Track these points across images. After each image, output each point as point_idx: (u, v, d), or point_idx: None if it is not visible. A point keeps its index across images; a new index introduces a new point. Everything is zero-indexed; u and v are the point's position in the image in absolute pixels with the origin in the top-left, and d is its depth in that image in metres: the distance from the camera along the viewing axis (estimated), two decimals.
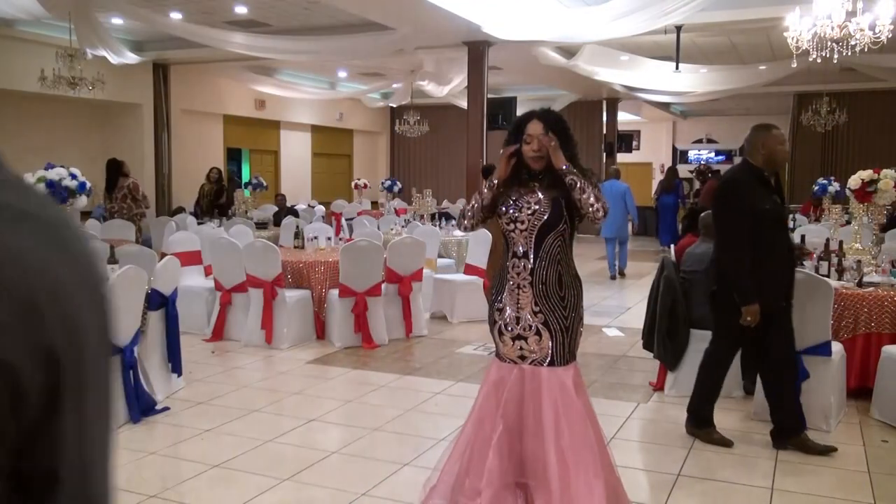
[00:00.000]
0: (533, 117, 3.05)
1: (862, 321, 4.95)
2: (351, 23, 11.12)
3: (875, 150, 16.47)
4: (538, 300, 2.97)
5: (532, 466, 2.99)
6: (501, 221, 3.06)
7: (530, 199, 3.00)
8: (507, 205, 3.04)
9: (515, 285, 3.01)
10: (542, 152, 2.98)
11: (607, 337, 7.20)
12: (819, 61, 7.54)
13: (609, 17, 9.07)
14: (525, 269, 2.99)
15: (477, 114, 11.62)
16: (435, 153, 20.82)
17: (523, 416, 3.00)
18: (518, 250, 3.01)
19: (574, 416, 2.93)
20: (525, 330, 2.99)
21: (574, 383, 2.99)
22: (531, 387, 2.99)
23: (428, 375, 5.79)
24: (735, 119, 22.62)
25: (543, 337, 2.97)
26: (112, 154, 13.90)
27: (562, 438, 2.90)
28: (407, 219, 11.40)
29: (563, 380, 2.97)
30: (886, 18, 6.97)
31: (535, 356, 2.99)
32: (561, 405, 2.93)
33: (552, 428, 2.90)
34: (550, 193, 2.99)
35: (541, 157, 2.99)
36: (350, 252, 6.58)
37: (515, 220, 3.00)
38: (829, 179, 10.27)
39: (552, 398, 2.94)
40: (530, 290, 2.98)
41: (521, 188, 3.03)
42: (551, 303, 2.97)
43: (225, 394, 5.27)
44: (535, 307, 2.98)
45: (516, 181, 3.06)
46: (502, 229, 3.08)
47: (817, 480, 3.83)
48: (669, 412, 4.93)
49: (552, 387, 2.95)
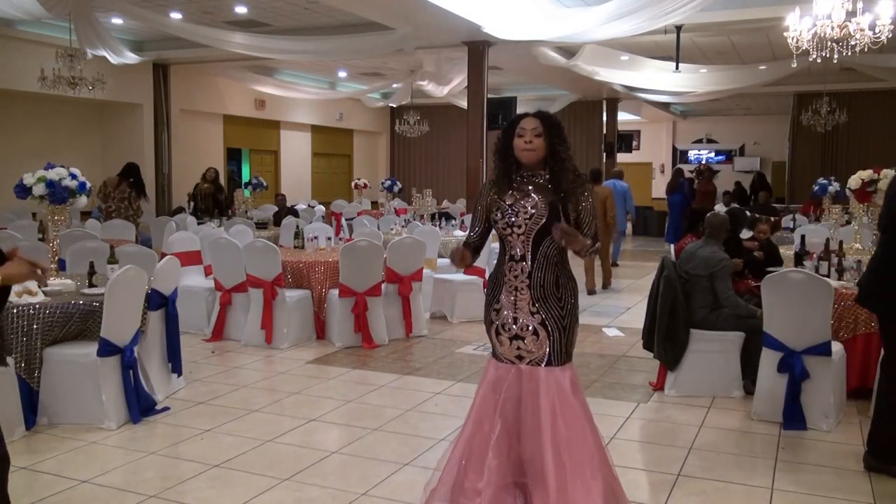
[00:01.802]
0: (524, 116, 3.05)
1: (862, 321, 4.95)
2: (351, 23, 11.13)
3: (875, 150, 16.48)
4: (535, 301, 2.97)
5: (530, 466, 2.99)
6: (497, 227, 3.04)
7: (526, 203, 2.97)
8: (502, 210, 3.01)
9: (513, 287, 3.01)
10: (533, 146, 2.96)
11: (607, 337, 7.20)
12: (819, 61, 7.54)
13: (609, 17, 9.07)
14: (523, 272, 2.99)
15: (477, 114, 11.63)
16: (435, 153, 20.83)
17: (521, 416, 3.00)
18: (515, 253, 3.00)
19: (571, 416, 2.94)
20: (522, 330, 2.99)
21: (571, 383, 2.99)
22: (529, 387, 2.99)
23: (428, 375, 5.79)
24: (735, 119, 22.64)
25: (541, 337, 2.97)
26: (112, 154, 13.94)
27: (559, 438, 2.89)
28: (407, 219, 11.39)
29: (561, 380, 2.97)
30: (886, 18, 6.97)
31: (532, 356, 2.99)
32: (558, 405, 2.93)
33: (549, 428, 2.90)
34: (547, 197, 2.96)
35: (532, 151, 2.97)
36: (350, 252, 6.58)
37: (512, 225, 2.98)
38: (829, 179, 10.27)
39: (549, 398, 2.94)
40: (528, 292, 2.98)
41: (516, 192, 3.00)
42: (549, 304, 2.97)
43: (225, 394, 5.27)
44: (532, 308, 2.98)
45: (508, 184, 3.01)
46: (499, 234, 3.06)
47: (817, 480, 3.83)
48: (669, 412, 4.93)
49: (549, 387, 2.95)
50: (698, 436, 4.45)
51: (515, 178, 3.02)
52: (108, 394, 4.45)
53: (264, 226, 11.14)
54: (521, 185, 3.00)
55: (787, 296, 4.54)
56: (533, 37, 10.47)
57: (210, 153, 15.40)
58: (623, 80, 14.50)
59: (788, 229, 10.17)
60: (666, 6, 8.58)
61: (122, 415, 4.54)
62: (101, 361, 4.39)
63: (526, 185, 3.00)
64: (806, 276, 4.62)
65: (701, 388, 5.17)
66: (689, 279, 5.19)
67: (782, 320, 4.56)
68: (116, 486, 3.69)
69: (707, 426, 4.62)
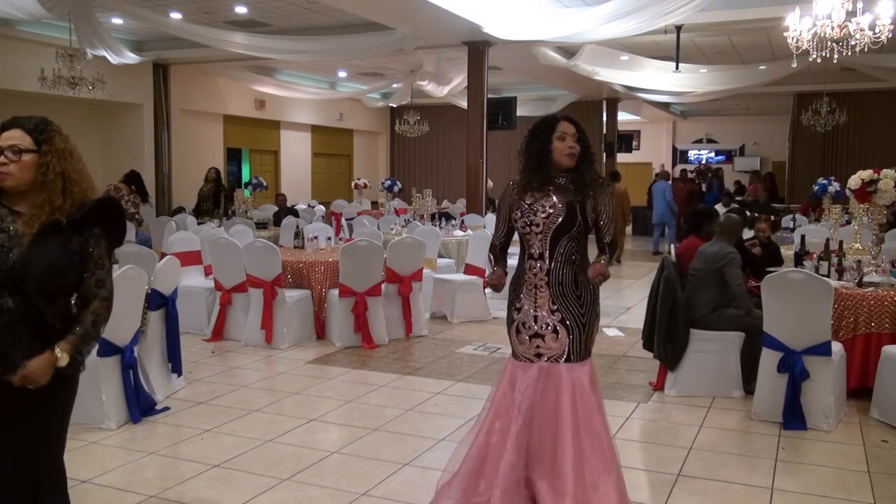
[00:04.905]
0: (560, 119, 3.12)
1: (862, 321, 4.95)
2: (351, 23, 11.12)
3: (875, 150, 16.47)
4: (555, 299, 3.05)
5: (537, 459, 3.05)
6: (517, 225, 3.14)
7: (545, 203, 3.06)
8: (522, 210, 3.10)
9: (532, 285, 3.09)
10: (576, 150, 3.06)
11: (607, 337, 7.19)
12: (819, 61, 7.53)
13: (609, 17, 9.06)
14: (542, 270, 3.07)
15: (477, 114, 11.61)
16: (435, 153, 20.82)
17: (536, 411, 3.06)
18: (534, 252, 3.09)
19: (590, 411, 3.02)
20: (542, 328, 3.06)
21: (589, 379, 3.08)
22: (548, 383, 3.05)
23: (428, 375, 5.79)
24: (735, 119, 22.62)
25: (561, 334, 3.05)
26: (112, 154, 13.93)
27: (579, 433, 2.98)
28: (407, 219, 11.40)
29: (580, 375, 3.05)
30: (886, 18, 6.96)
31: (551, 353, 3.06)
32: (579, 401, 3.01)
33: (570, 422, 2.98)
34: (566, 197, 3.05)
35: (574, 156, 3.07)
36: (350, 252, 6.58)
37: (531, 224, 3.07)
38: (829, 179, 10.26)
39: (570, 394, 3.01)
40: (547, 290, 3.06)
41: (537, 192, 3.09)
42: (568, 301, 3.05)
43: (225, 394, 5.27)
44: (552, 306, 3.05)
45: (537, 183, 3.09)
46: (518, 232, 3.16)
47: (817, 480, 3.83)
48: (669, 412, 4.93)
49: (570, 383, 3.03)
50: (698, 436, 4.45)
51: (547, 176, 3.09)
52: (108, 394, 4.45)
53: (264, 226, 11.15)
54: (541, 186, 3.09)
55: (787, 296, 4.54)
56: (533, 37, 10.46)
57: (210, 153, 15.39)
58: (623, 80, 14.49)
59: (788, 229, 10.16)
60: (666, 6, 8.58)
61: (122, 415, 4.54)
62: (101, 361, 4.39)
63: (547, 185, 3.08)
64: (806, 276, 4.62)
65: (701, 388, 5.17)
66: (696, 276, 5.21)
67: (782, 320, 4.56)
68: (116, 486, 3.70)
69: (707, 426, 4.62)
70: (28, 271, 2.21)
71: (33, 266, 2.22)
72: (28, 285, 2.22)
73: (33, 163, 2.28)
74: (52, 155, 2.30)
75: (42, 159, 2.29)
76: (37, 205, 2.27)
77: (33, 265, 2.21)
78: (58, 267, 2.27)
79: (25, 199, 2.30)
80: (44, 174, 2.28)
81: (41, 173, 2.28)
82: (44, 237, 2.24)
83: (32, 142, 2.30)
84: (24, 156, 2.27)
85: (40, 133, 2.32)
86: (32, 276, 2.22)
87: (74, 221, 2.29)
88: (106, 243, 2.37)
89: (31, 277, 2.22)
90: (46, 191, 2.28)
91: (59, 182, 2.29)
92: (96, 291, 2.35)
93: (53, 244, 2.26)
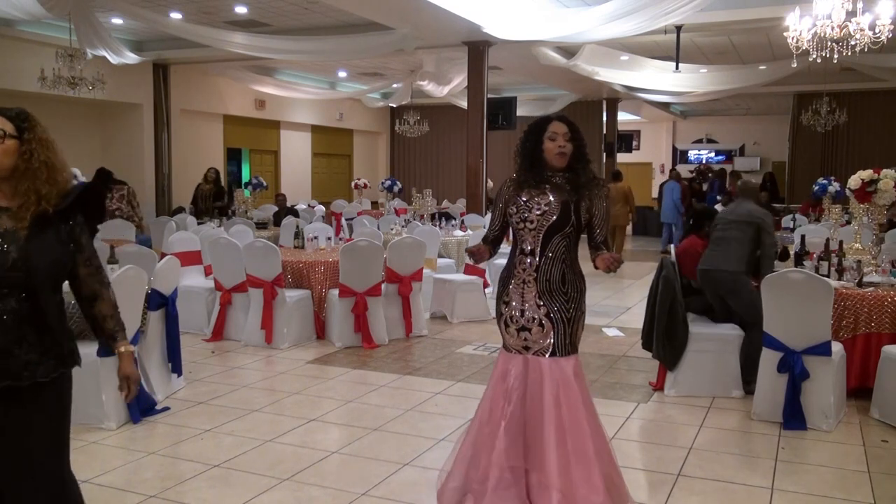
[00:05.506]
0: (553, 119, 3.17)
1: (862, 321, 4.95)
2: (351, 23, 11.12)
3: (875, 150, 16.47)
4: (542, 295, 3.11)
5: (530, 451, 3.11)
6: (512, 221, 3.20)
7: (541, 200, 3.11)
8: (517, 206, 3.16)
9: (521, 280, 3.15)
10: (566, 149, 3.11)
11: (607, 337, 7.20)
12: (819, 61, 7.53)
13: (609, 17, 9.06)
14: (531, 266, 3.13)
15: (477, 114, 11.62)
16: (435, 153, 20.83)
17: (527, 403, 3.13)
18: (525, 247, 3.15)
19: (573, 405, 3.06)
20: (529, 322, 3.12)
21: (574, 373, 3.12)
22: (534, 376, 3.12)
23: (428, 375, 5.79)
24: (735, 119, 22.63)
25: (546, 328, 3.10)
26: (112, 154, 13.93)
27: (562, 426, 3.02)
28: (407, 219, 11.39)
29: (564, 369, 3.10)
30: (886, 18, 6.96)
31: (538, 346, 3.12)
32: (562, 394, 3.06)
33: (552, 416, 3.03)
34: (561, 196, 3.10)
35: (564, 155, 3.11)
36: (350, 252, 6.58)
37: (525, 220, 3.13)
38: (829, 179, 10.26)
39: (553, 387, 3.07)
40: (535, 285, 3.12)
41: (532, 190, 3.14)
42: (555, 297, 3.11)
43: (225, 394, 5.27)
44: (538, 301, 3.11)
45: (531, 181, 3.14)
46: (513, 228, 3.22)
47: (817, 480, 3.83)
48: (669, 412, 4.93)
49: (553, 376, 3.08)
50: (698, 436, 4.45)
51: (541, 176, 3.15)
52: (108, 394, 4.44)
53: (264, 226, 11.14)
54: (538, 184, 3.14)
55: (787, 296, 4.54)
56: (533, 37, 10.46)
57: (210, 153, 15.39)
58: (623, 80, 14.49)
59: (788, 229, 10.16)
60: (666, 6, 8.58)
61: (122, 415, 4.54)
62: (101, 361, 4.39)
63: (543, 183, 3.14)
64: (806, 276, 4.62)
65: (701, 387, 5.17)
66: (725, 228, 5.28)
67: (782, 320, 4.57)
68: (116, 486, 3.70)
69: (707, 426, 4.62)
70: (32, 268, 2.18)
71: (37, 262, 2.18)
72: (35, 283, 2.18)
73: (15, 149, 2.24)
74: (36, 143, 2.27)
75: (25, 146, 2.25)
76: (21, 194, 2.23)
77: (36, 262, 2.18)
78: (60, 260, 2.26)
79: (5, 192, 2.26)
80: (27, 161, 2.24)
81: (24, 160, 2.24)
82: (38, 231, 2.21)
83: (14, 128, 2.26)
84: (7, 140, 2.23)
85: (22, 121, 2.29)
86: (40, 273, 2.19)
87: (61, 211, 2.26)
88: (88, 230, 2.37)
89: (38, 274, 2.18)
90: (31, 179, 2.24)
91: (44, 171, 2.26)
92: (100, 278, 2.40)
93: (49, 237, 2.23)
